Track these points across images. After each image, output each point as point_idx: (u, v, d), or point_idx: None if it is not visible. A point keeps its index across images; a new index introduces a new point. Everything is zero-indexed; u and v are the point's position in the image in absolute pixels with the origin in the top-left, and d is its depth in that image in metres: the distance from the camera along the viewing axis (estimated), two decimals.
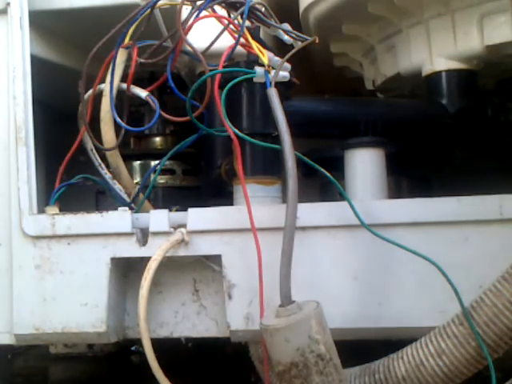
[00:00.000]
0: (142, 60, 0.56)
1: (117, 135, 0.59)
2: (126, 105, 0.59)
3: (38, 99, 0.63)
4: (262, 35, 0.58)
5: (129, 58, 0.58)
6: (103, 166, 0.63)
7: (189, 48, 0.56)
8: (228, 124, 0.52)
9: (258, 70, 0.53)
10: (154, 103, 0.57)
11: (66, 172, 0.62)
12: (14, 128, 0.60)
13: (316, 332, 0.45)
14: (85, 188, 0.67)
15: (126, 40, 0.57)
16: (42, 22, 0.69)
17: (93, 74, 0.58)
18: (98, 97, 0.59)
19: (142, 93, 0.58)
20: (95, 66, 0.58)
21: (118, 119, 0.57)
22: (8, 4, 0.61)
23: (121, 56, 0.57)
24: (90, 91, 0.59)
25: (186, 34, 0.55)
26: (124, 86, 0.58)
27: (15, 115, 0.60)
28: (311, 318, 0.45)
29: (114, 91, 0.57)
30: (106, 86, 0.58)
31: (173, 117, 0.57)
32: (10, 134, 0.60)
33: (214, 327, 0.58)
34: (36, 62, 0.64)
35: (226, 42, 0.55)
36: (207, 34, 0.57)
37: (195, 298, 0.58)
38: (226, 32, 0.55)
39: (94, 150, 0.62)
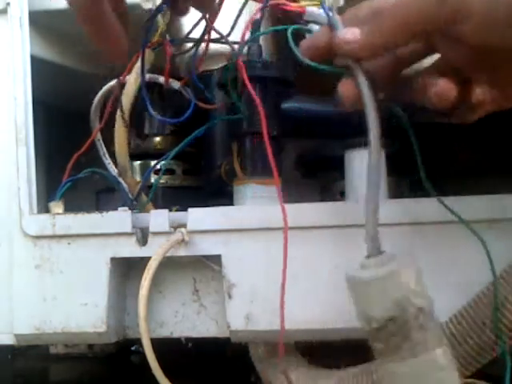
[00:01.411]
0: (175, 53, 0.56)
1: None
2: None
3: (38, 99, 0.63)
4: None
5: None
6: (112, 164, 0.63)
7: None
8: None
9: (315, 27, 0.50)
10: (188, 93, 0.57)
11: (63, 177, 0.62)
12: (14, 128, 0.60)
13: (417, 282, 0.41)
14: (85, 188, 0.67)
15: (156, 38, 0.57)
16: (42, 22, 0.69)
17: (92, 73, 0.58)
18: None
19: (175, 84, 0.59)
20: (95, 65, 0.58)
21: (152, 111, 0.56)
22: (8, 4, 0.61)
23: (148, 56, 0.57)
24: (102, 91, 0.59)
25: (212, 22, 0.54)
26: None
27: (15, 115, 0.60)
28: (412, 266, 0.41)
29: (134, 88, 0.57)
30: (128, 85, 0.58)
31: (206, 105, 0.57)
32: (10, 134, 0.61)
33: (214, 327, 0.58)
34: (36, 61, 0.64)
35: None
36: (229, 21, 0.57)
37: (195, 298, 0.58)
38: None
39: (105, 151, 0.63)
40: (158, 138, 0.78)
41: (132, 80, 0.57)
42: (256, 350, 0.60)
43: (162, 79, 0.59)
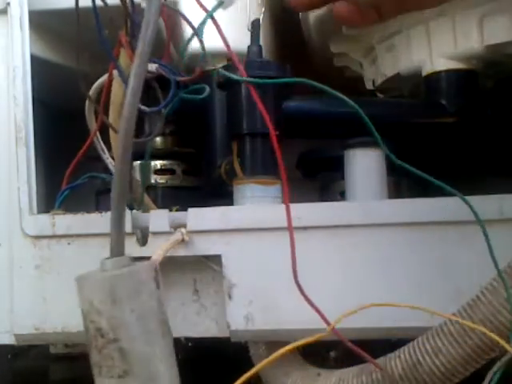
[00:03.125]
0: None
1: None
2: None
3: (38, 99, 0.63)
4: None
5: None
6: (111, 160, 0.63)
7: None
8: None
9: None
10: (167, 72, 0.54)
11: (63, 178, 0.62)
12: (14, 128, 0.60)
13: (100, 301, 0.34)
14: (85, 188, 0.67)
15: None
16: (42, 22, 0.69)
17: (92, 73, 0.58)
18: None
19: (152, 66, 0.56)
20: (93, 64, 0.57)
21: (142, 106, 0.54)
22: (8, 4, 0.61)
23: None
24: (94, 88, 0.59)
25: None
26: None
27: (15, 115, 0.60)
28: (104, 281, 0.35)
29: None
30: (113, 90, 0.57)
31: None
32: (10, 134, 0.61)
33: (214, 327, 0.58)
34: (36, 61, 0.64)
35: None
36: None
37: (195, 298, 0.58)
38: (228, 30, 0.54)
39: (104, 148, 0.63)
40: (158, 138, 0.78)
41: (116, 83, 0.56)
42: (256, 350, 0.60)
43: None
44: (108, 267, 0.35)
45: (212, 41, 0.56)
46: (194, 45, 0.56)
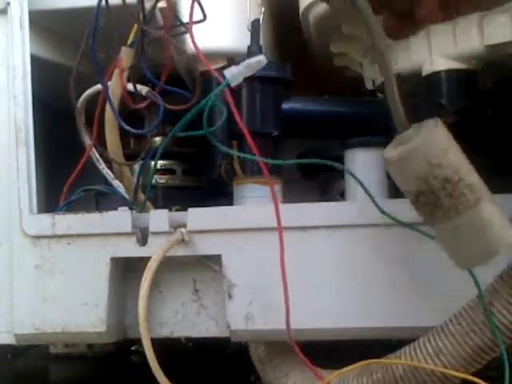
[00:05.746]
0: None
1: (121, 138, 0.59)
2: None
3: (38, 99, 0.63)
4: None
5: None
6: (107, 170, 0.63)
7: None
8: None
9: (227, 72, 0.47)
10: (156, 97, 0.55)
11: (63, 177, 0.62)
12: (14, 128, 0.60)
13: (435, 156, 0.41)
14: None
15: (130, 39, 0.56)
16: (42, 22, 0.69)
17: (85, 72, 0.58)
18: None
19: (143, 89, 0.57)
20: (88, 64, 0.57)
21: (122, 122, 0.56)
22: (8, 4, 0.61)
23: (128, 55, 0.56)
24: (87, 93, 0.59)
25: None
26: (130, 86, 0.57)
27: (15, 115, 0.60)
28: (426, 143, 0.41)
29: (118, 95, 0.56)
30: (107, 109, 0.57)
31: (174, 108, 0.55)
32: (10, 134, 0.61)
33: (214, 327, 0.58)
34: (36, 61, 0.64)
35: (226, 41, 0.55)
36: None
37: (195, 298, 0.58)
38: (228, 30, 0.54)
39: (98, 156, 0.63)
40: (158, 138, 0.78)
41: (115, 83, 0.56)
42: (256, 350, 0.60)
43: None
44: (412, 134, 0.42)
45: (211, 41, 0.56)
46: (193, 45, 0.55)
